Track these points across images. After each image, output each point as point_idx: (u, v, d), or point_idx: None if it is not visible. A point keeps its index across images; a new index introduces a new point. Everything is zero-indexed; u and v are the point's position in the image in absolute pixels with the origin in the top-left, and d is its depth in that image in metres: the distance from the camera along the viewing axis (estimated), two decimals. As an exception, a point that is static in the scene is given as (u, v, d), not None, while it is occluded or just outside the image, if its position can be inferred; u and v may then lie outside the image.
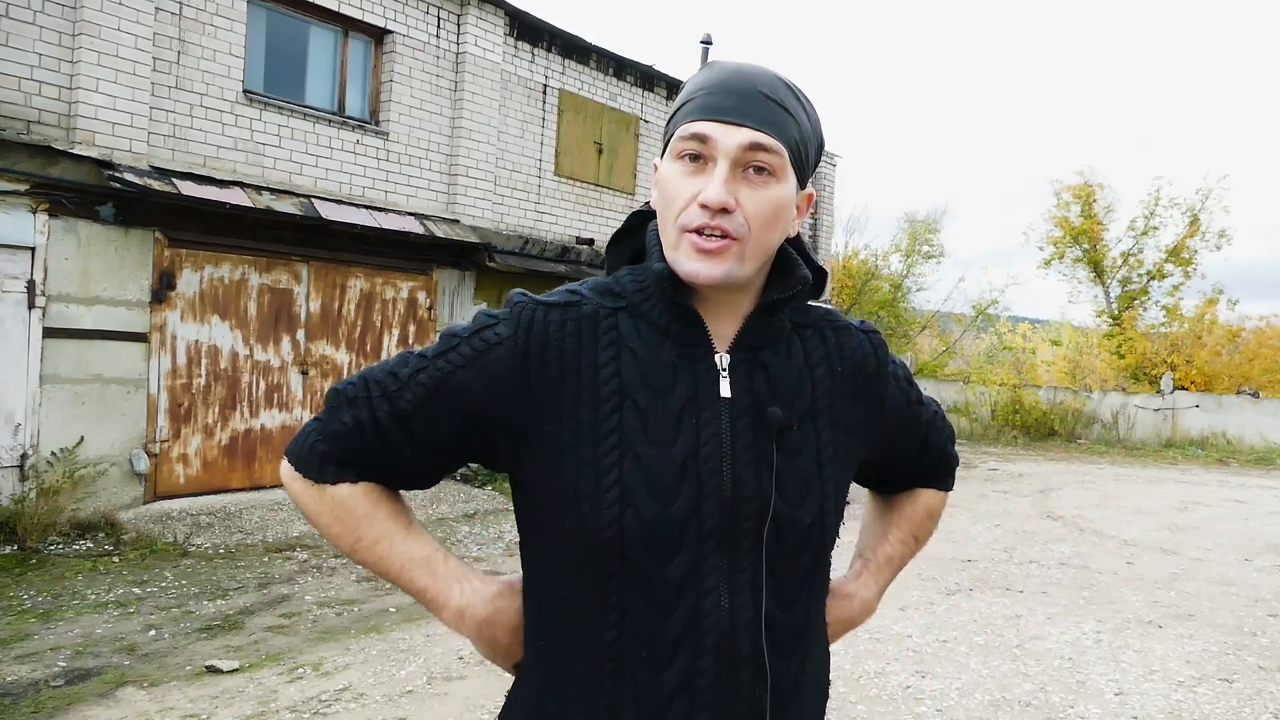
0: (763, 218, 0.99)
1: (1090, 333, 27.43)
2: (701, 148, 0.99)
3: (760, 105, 1.00)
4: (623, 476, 0.96)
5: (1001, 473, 13.89)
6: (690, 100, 1.02)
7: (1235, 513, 10.59)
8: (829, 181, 17.51)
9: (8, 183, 6.59)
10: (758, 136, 0.98)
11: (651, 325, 1.03)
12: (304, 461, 1.05)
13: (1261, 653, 5.22)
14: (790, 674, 1.04)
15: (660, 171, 1.04)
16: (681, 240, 0.99)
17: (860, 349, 1.14)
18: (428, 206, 9.82)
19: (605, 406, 0.98)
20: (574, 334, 1.01)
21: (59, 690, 4.00)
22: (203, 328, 7.90)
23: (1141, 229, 24.10)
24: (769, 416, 1.02)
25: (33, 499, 6.53)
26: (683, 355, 1.02)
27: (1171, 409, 19.07)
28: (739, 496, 0.99)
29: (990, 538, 8.40)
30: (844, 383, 1.11)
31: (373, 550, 1.05)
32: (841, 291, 22.15)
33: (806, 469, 1.04)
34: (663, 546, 0.97)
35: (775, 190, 1.00)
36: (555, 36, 11.21)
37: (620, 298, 1.06)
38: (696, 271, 0.98)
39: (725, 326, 1.05)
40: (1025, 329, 33.70)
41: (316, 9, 8.83)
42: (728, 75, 1.02)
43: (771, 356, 1.06)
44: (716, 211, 0.97)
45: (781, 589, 1.02)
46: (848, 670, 4.64)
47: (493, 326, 1.03)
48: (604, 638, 0.98)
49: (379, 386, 1.03)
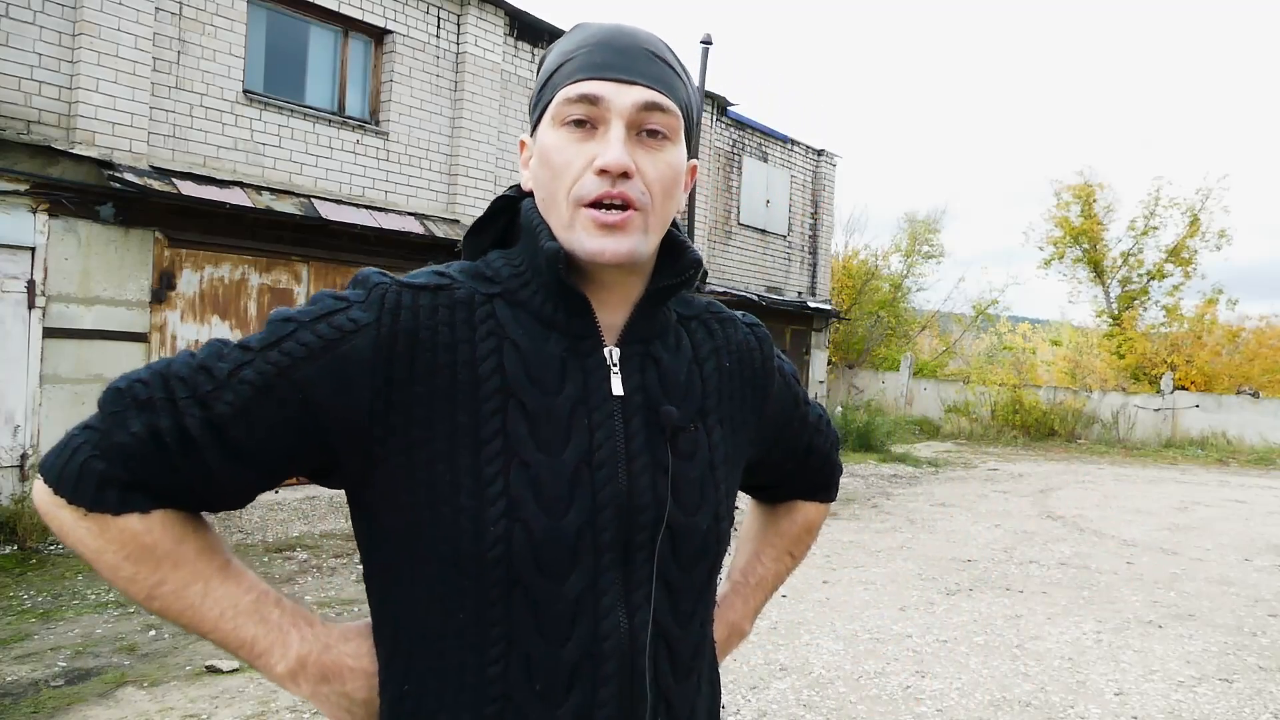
0: (664, 183, 0.89)
1: (1090, 333, 27.43)
2: (591, 110, 0.87)
3: (650, 63, 0.90)
4: (509, 487, 0.84)
5: (1001, 473, 13.89)
6: (569, 60, 0.90)
7: (1235, 513, 10.59)
8: (829, 181, 17.51)
9: (8, 183, 6.59)
10: (653, 95, 0.88)
11: (533, 315, 0.90)
12: (72, 484, 0.81)
13: (1261, 653, 5.21)
14: (688, 697, 0.95)
15: (540, 142, 0.91)
16: (577, 216, 0.87)
17: (746, 342, 1.06)
18: (428, 206, 9.82)
19: (486, 407, 0.85)
20: (447, 322, 0.86)
21: (59, 690, 4.00)
22: (203, 328, 7.91)
23: (1141, 229, 24.12)
24: (663, 416, 0.92)
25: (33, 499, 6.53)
26: (570, 349, 0.90)
27: (1171, 409, 19.07)
28: (634, 505, 0.88)
29: (990, 538, 8.40)
30: (731, 378, 1.02)
31: (180, 597, 0.83)
32: (841, 292, 22.15)
33: (699, 473, 0.94)
34: (556, 564, 0.85)
35: (672, 154, 0.90)
36: (555, 36, 11.21)
37: (493, 283, 0.91)
38: (601, 249, 0.86)
39: (612, 316, 0.93)
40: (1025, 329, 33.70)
41: (316, 9, 8.83)
42: (609, 33, 0.92)
43: (662, 350, 0.96)
44: (617, 177, 0.86)
45: (678, 603, 0.93)
46: (848, 670, 4.64)
47: (344, 310, 0.85)
48: (487, 674, 0.85)
49: (185, 385, 0.81)
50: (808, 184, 17.05)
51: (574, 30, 0.95)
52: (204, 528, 0.87)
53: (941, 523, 9.11)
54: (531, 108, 0.97)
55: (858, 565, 6.96)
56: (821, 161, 17.26)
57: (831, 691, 4.35)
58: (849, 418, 16.01)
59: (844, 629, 5.34)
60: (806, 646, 4.98)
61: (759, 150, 15.76)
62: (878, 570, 6.88)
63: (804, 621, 5.37)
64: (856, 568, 6.89)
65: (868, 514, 9.47)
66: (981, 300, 26.14)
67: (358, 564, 6.49)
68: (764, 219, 15.87)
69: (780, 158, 16.25)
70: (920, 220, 24.95)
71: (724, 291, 14.34)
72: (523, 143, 0.99)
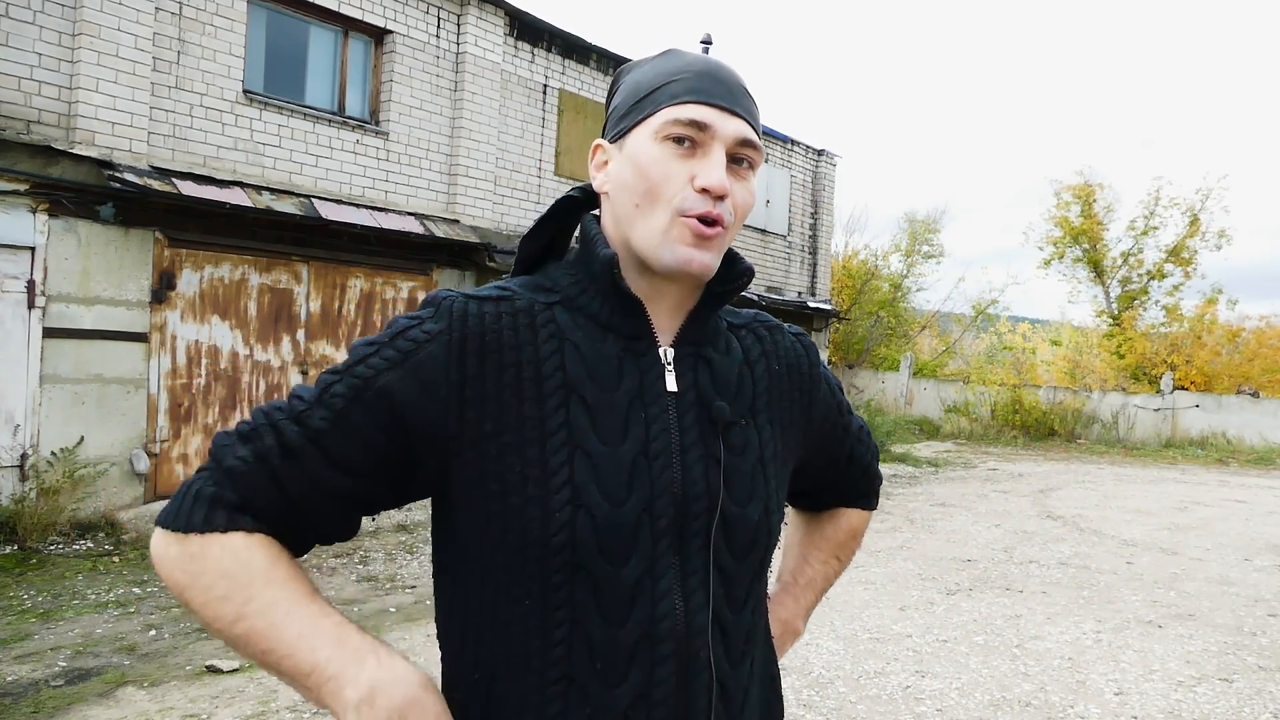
0: (744, 209, 0.98)
1: (1090, 333, 27.42)
2: (697, 133, 0.94)
3: (744, 98, 0.99)
4: (573, 475, 0.89)
5: (1001, 473, 13.89)
6: (674, 80, 0.97)
7: (1235, 513, 10.59)
8: (829, 182, 17.51)
9: (8, 183, 6.59)
10: (748, 131, 0.97)
11: (590, 318, 0.97)
12: (186, 515, 0.87)
13: (1261, 653, 5.22)
14: (742, 681, 0.99)
15: (635, 152, 0.96)
16: (675, 224, 0.93)
17: (794, 349, 1.13)
18: (428, 206, 9.82)
19: (550, 401, 0.92)
20: (511, 326, 0.94)
21: (59, 690, 4.00)
22: (203, 328, 7.90)
23: (1141, 229, 24.12)
24: (715, 411, 0.98)
25: (33, 499, 6.53)
26: (627, 349, 0.97)
27: (1171, 409, 19.07)
28: (688, 494, 0.94)
29: (990, 538, 8.40)
30: (780, 381, 1.09)
31: (265, 615, 0.86)
32: (841, 291, 22.15)
33: (750, 466, 1.00)
34: (616, 549, 0.90)
35: (753, 184, 1.00)
36: (555, 36, 11.21)
37: (553, 292, 0.99)
38: (690, 259, 0.93)
39: (666, 321, 1.00)
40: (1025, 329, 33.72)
41: (316, 9, 8.83)
42: (712, 64, 0.99)
43: (713, 352, 1.03)
44: (716, 198, 0.94)
45: (732, 590, 0.97)
46: (848, 670, 4.64)
47: (418, 325, 0.93)
48: (551, 655, 0.90)
49: (283, 410, 0.91)
50: (808, 184, 17.04)
51: (669, 53, 1.02)
52: (295, 559, 0.93)
53: (941, 523, 9.11)
54: (618, 116, 1.01)
55: (858, 565, 6.96)
56: (821, 161, 17.26)
57: (831, 691, 4.35)
58: (849, 418, 15.98)
59: (844, 629, 5.34)
60: (806, 646, 4.98)
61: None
62: (878, 570, 6.88)
63: (804, 621, 5.37)
64: (856, 568, 6.89)
65: (868, 514, 9.46)
66: (981, 300, 26.16)
67: (358, 564, 6.49)
68: (764, 219, 15.87)
69: (780, 158, 16.25)
70: (920, 220, 24.96)
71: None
72: (598, 145, 1.03)
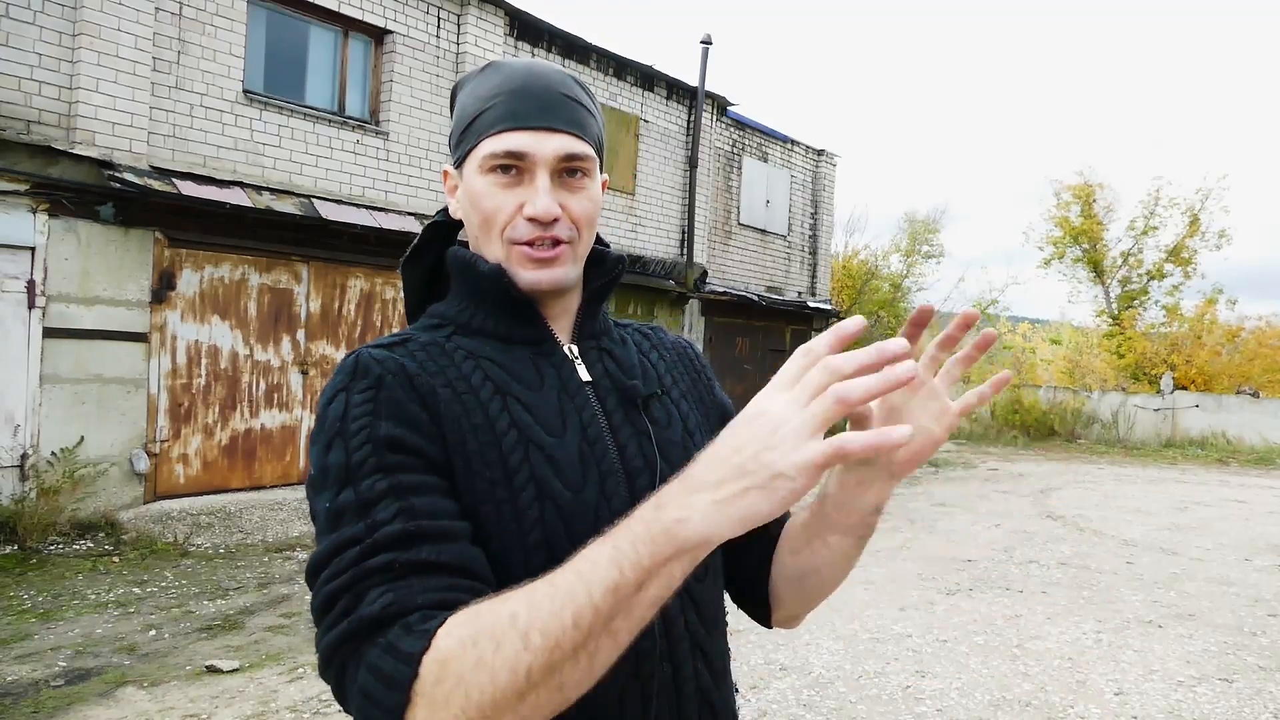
0: (587, 217, 0.99)
1: (1090, 332, 27.44)
2: (517, 162, 0.96)
3: (565, 107, 0.98)
4: (534, 470, 0.91)
5: (1001, 473, 13.89)
6: (489, 108, 0.97)
7: (1235, 513, 10.59)
8: (829, 182, 17.51)
9: (8, 183, 6.59)
10: (571, 144, 0.97)
11: (490, 336, 0.99)
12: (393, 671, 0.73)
13: (1261, 653, 5.22)
14: (719, 646, 1.04)
15: (468, 185, 0.99)
16: (512, 253, 0.97)
17: (678, 343, 1.17)
18: (428, 206, 9.82)
19: (493, 406, 0.92)
20: (424, 360, 0.93)
21: (59, 690, 4.00)
22: (203, 328, 7.90)
23: (1141, 229, 24.14)
24: (630, 390, 1.01)
25: (33, 499, 6.53)
26: (535, 353, 0.99)
27: (1171, 409, 19.07)
28: (629, 470, 0.96)
29: (990, 538, 8.40)
30: (675, 366, 1.13)
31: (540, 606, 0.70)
32: (841, 291, 22.14)
33: (679, 436, 1.03)
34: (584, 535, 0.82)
35: (593, 189, 1.00)
36: (555, 36, 11.21)
37: (445, 324, 1.00)
38: (537, 280, 0.97)
39: (558, 324, 1.03)
40: (1025, 329, 33.73)
41: (316, 9, 8.83)
42: (522, 77, 0.98)
43: (611, 343, 1.07)
44: (547, 223, 0.95)
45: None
46: (848, 670, 4.64)
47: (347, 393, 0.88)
48: None
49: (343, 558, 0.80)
50: (808, 184, 17.04)
51: (488, 70, 1.01)
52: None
53: (941, 523, 9.11)
54: (453, 144, 1.03)
55: (858, 565, 6.95)
56: (821, 161, 17.26)
57: (831, 691, 4.35)
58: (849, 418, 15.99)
59: (844, 629, 5.34)
60: (806, 646, 4.98)
61: (759, 150, 15.76)
62: (878, 570, 6.88)
63: (804, 621, 5.38)
64: (856, 567, 6.88)
65: (868, 514, 9.46)
66: (981, 300, 26.16)
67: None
68: (764, 219, 15.86)
69: (780, 158, 16.24)
70: (920, 220, 24.97)
71: (724, 291, 14.34)
72: (446, 172, 1.06)
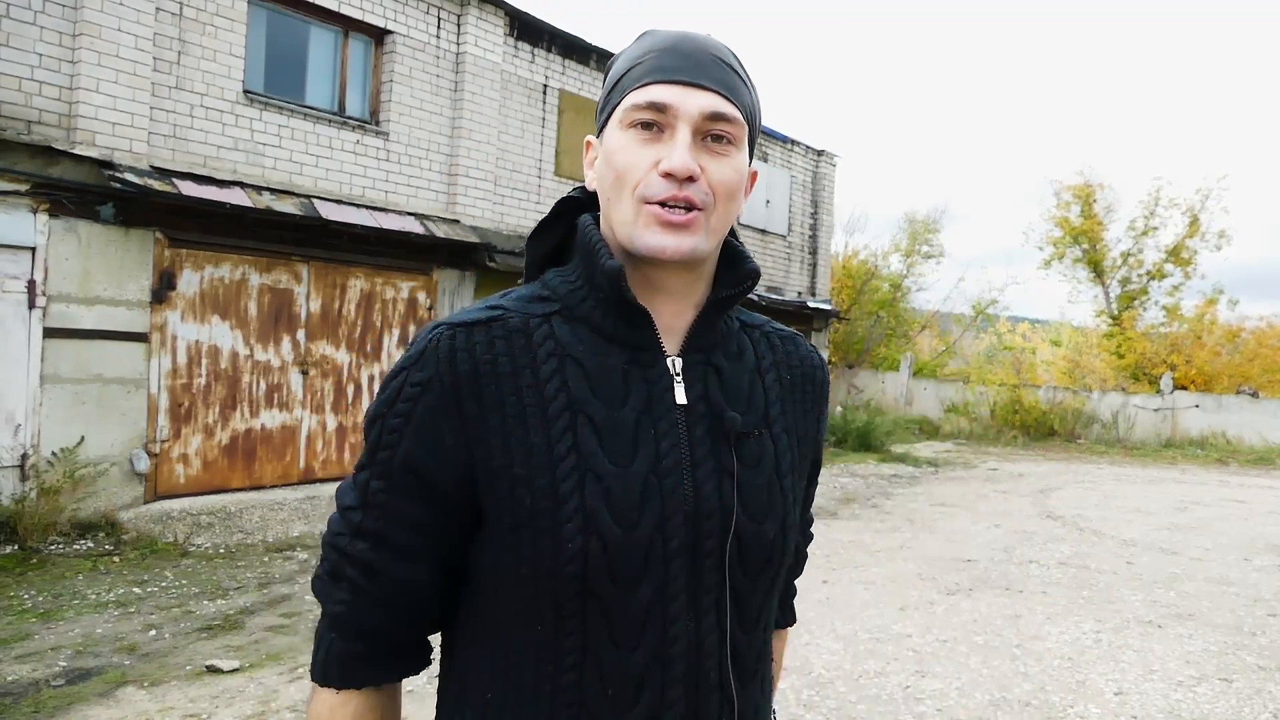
0: (728, 187, 0.91)
1: (1090, 333, 27.43)
2: (658, 116, 0.89)
3: (717, 69, 0.92)
4: (585, 502, 0.85)
5: (1001, 473, 13.89)
6: (637, 64, 0.92)
7: (1235, 513, 10.59)
8: (829, 182, 17.51)
9: (8, 183, 6.59)
10: (719, 103, 0.90)
11: (592, 329, 0.92)
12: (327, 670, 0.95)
13: (1261, 652, 5.22)
14: (753, 699, 0.97)
15: (606, 144, 0.93)
16: (641, 213, 0.89)
17: (809, 359, 1.08)
18: (428, 206, 9.83)
19: (557, 425, 0.87)
20: (505, 352, 0.89)
21: (59, 690, 4.00)
22: (203, 328, 7.90)
23: (1141, 229, 24.13)
24: (727, 422, 0.92)
25: (33, 499, 6.53)
26: (632, 360, 0.91)
27: (1171, 409, 19.07)
28: (701, 512, 0.89)
29: (990, 538, 8.40)
30: (793, 391, 1.03)
31: None
32: (841, 291, 22.14)
33: (765, 480, 0.95)
34: (628, 575, 0.86)
35: (736, 160, 0.92)
36: (555, 36, 11.21)
37: (550, 301, 0.94)
38: (663, 246, 0.88)
39: (673, 324, 0.95)
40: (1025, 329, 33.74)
41: (316, 9, 8.83)
42: (676, 38, 0.93)
43: (723, 359, 0.97)
44: (683, 180, 0.88)
45: (744, 610, 0.94)
46: (848, 670, 4.64)
47: (404, 381, 0.89)
48: (562, 681, 0.87)
49: (344, 535, 0.92)
50: (808, 184, 17.04)
51: (642, 37, 0.97)
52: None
53: (941, 523, 9.11)
54: (599, 110, 0.98)
55: (857, 565, 6.96)
56: (821, 161, 17.26)
57: (831, 691, 4.35)
58: (849, 418, 16.02)
59: (844, 629, 5.34)
60: (806, 646, 4.98)
61: (759, 150, 15.77)
62: (877, 570, 6.88)
63: (804, 621, 5.37)
64: (856, 567, 6.89)
65: (868, 514, 9.47)
66: (981, 300, 26.17)
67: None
68: (764, 219, 15.86)
69: (780, 158, 16.25)
70: (920, 220, 24.96)
71: (724, 291, 14.36)
72: (589, 143, 1.00)
